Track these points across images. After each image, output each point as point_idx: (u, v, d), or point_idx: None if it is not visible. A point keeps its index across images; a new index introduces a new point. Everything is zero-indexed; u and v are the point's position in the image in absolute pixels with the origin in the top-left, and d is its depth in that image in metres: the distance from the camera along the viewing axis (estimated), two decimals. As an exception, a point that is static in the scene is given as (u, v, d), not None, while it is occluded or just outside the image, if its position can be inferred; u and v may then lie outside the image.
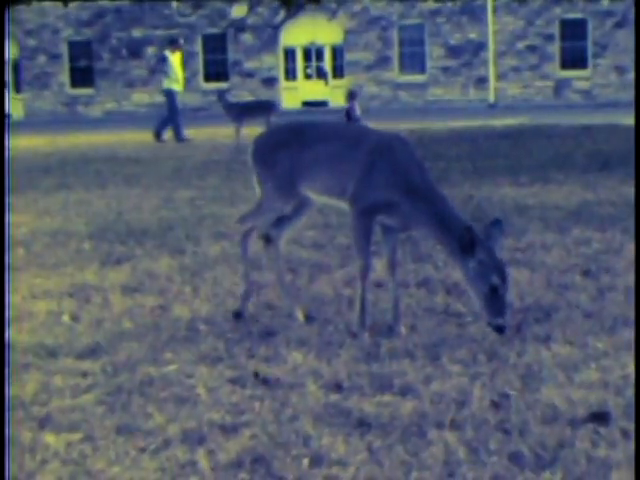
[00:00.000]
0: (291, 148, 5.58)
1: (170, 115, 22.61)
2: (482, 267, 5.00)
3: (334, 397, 4.39)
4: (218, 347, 5.18)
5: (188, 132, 22.66)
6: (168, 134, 22.59)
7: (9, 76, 43.08)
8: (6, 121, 28.55)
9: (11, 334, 5.48)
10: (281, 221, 5.79)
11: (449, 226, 5.13)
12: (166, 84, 23.08)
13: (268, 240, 5.79)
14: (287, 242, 8.08)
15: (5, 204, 9.56)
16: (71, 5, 42.39)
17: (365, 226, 5.34)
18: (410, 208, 5.23)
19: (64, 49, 44.46)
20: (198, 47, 43.01)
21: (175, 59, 23.16)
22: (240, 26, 42.26)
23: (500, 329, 5.02)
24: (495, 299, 5.00)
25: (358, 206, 5.33)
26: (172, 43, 23.79)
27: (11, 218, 9.63)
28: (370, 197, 5.30)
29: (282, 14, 41.39)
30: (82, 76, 44.42)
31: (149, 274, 7.08)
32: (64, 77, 44.61)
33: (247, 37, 42.76)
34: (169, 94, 22.85)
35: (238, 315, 5.76)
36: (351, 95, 21.89)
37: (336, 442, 3.86)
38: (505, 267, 5.12)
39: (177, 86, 22.92)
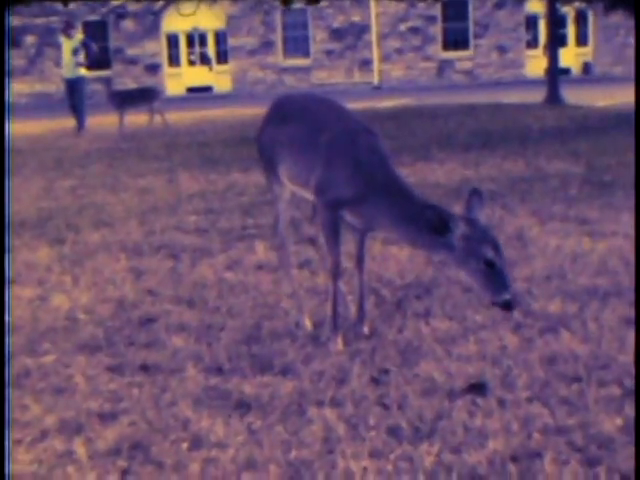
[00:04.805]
0: (271, 124, 5.19)
1: (79, 103, 22.03)
2: (469, 243, 4.38)
3: (214, 380, 4.38)
4: (97, 336, 5.12)
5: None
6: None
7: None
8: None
9: None
10: None
11: (416, 220, 4.49)
12: (63, 72, 22.46)
13: (313, 242, 5.42)
14: (169, 228, 8.09)
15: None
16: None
17: (330, 221, 4.81)
18: (372, 207, 4.67)
19: (-60, 40, 43.30)
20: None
21: (69, 44, 22.31)
22: (121, 13, 41.69)
23: (508, 304, 4.39)
24: (493, 273, 4.35)
25: (321, 200, 4.81)
26: (64, 29, 23.06)
27: None
28: (333, 191, 4.74)
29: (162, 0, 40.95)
30: (-40, 67, 43.31)
31: (27, 265, 6.95)
32: (-60, 68, 43.44)
33: (128, 24, 42.22)
34: (66, 83, 22.29)
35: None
36: None
37: (215, 424, 3.85)
38: (494, 236, 4.45)
39: (65, 73, 22.25)
